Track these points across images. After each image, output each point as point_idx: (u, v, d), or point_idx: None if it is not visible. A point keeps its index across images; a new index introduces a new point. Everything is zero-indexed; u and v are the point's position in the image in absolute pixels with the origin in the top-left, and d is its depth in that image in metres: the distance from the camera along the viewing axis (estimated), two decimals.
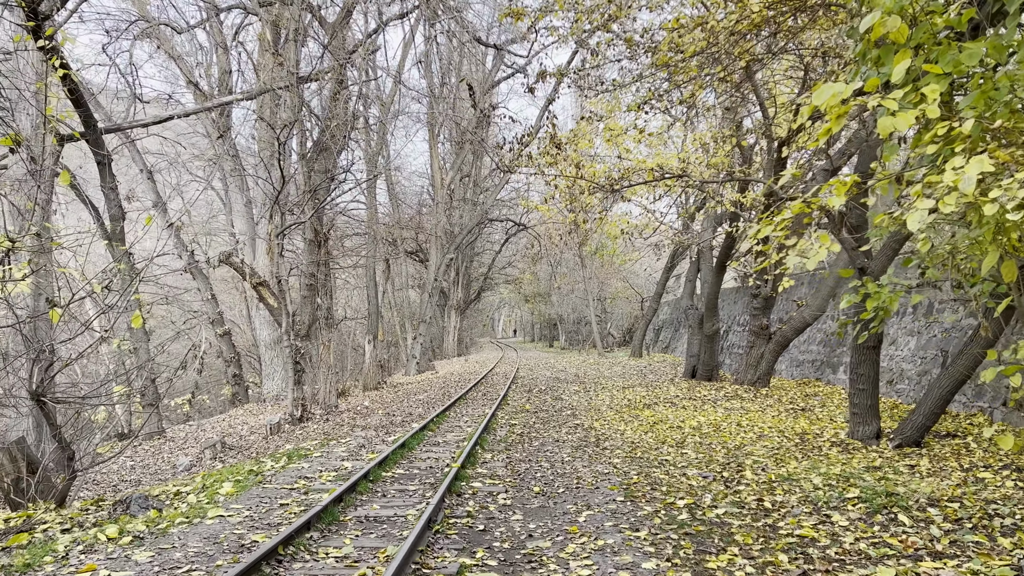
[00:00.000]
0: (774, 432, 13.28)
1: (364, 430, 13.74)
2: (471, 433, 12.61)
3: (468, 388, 21.67)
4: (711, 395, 18.93)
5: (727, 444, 12.15)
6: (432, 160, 33.29)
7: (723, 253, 22.13)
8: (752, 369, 19.53)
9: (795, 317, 18.93)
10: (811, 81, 14.94)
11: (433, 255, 32.99)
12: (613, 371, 29.70)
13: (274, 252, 16.05)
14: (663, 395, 19.56)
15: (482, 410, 16.39)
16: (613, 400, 18.94)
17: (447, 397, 19.81)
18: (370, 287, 26.22)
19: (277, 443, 14.55)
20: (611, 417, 15.52)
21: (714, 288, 22.73)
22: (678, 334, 39.78)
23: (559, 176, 12.72)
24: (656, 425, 14.15)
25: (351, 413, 17.62)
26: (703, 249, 25.14)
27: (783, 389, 19.44)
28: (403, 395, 21.85)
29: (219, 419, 21.93)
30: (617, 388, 22.28)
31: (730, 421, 14.68)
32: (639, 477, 9.37)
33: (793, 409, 16.44)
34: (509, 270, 66.82)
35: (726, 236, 21.94)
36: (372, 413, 16.93)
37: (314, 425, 16.07)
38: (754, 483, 9.28)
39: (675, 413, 16.01)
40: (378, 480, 8.77)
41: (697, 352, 24.32)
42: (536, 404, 18.13)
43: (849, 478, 9.34)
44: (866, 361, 11.76)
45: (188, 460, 15.06)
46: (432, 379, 27.63)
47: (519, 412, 16.39)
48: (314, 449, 11.58)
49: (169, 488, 9.44)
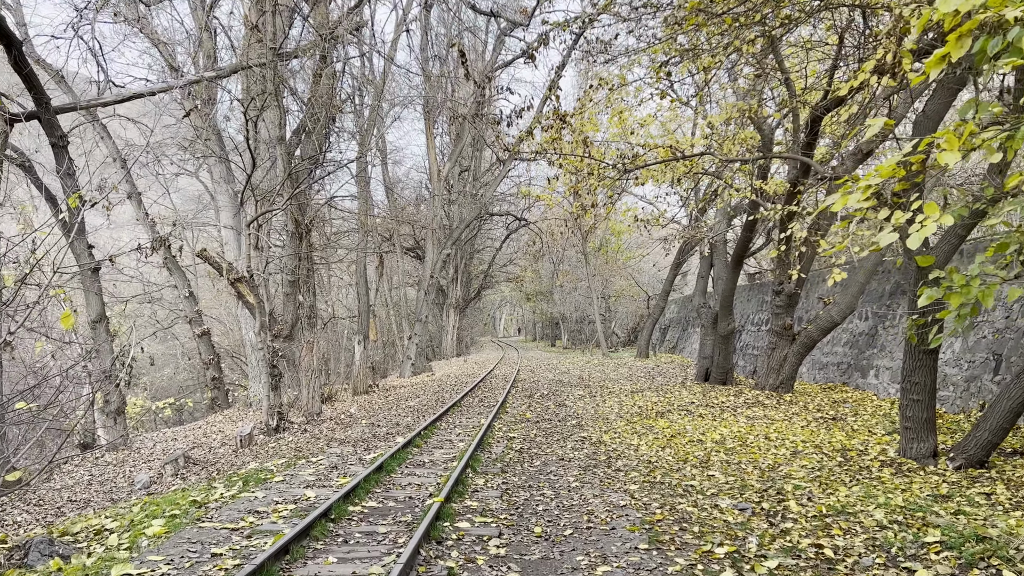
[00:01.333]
0: (810, 447, 11.62)
1: (342, 445, 12.08)
2: (462, 450, 10.95)
3: (464, 393, 20.01)
4: (729, 401, 17.26)
5: (759, 463, 10.49)
6: (428, 150, 31.63)
7: (740, 247, 20.44)
8: (774, 373, 17.85)
9: (821, 316, 17.25)
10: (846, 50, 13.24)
11: (429, 250, 31.33)
12: (619, 373, 28.02)
13: (248, 244, 14.41)
14: (676, 401, 17.89)
15: (477, 420, 14.73)
16: (622, 407, 17.27)
17: (440, 403, 18.15)
18: (360, 284, 24.58)
19: (246, 458, 12.91)
20: (622, 428, 13.85)
21: (729, 285, 21.05)
22: (686, 334, 38.10)
23: (564, 155, 11.05)
24: (674, 439, 12.48)
25: (333, 422, 15.98)
26: (716, 243, 23.44)
27: (807, 395, 17.77)
28: (393, 400, 20.19)
29: (194, 426, 20.29)
30: (625, 393, 20.62)
31: (756, 433, 13.02)
32: (663, 512, 7.70)
33: (823, 418, 14.78)
34: (510, 268, 65.13)
35: (744, 229, 20.26)
36: (356, 423, 15.28)
37: (290, 437, 14.42)
38: (802, 518, 7.61)
39: (693, 423, 14.34)
40: (342, 518, 7.10)
41: (710, 353, 22.65)
42: (538, 412, 16.47)
43: (918, 511, 7.68)
44: (922, 367, 10.07)
45: (148, 477, 13.41)
46: (427, 382, 25.97)
47: (519, 422, 14.73)
48: (278, 470, 9.92)
49: (93, 522, 7.79)
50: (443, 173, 31.80)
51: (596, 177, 11.18)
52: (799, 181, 15.77)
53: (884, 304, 18.06)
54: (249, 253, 14.51)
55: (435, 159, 31.56)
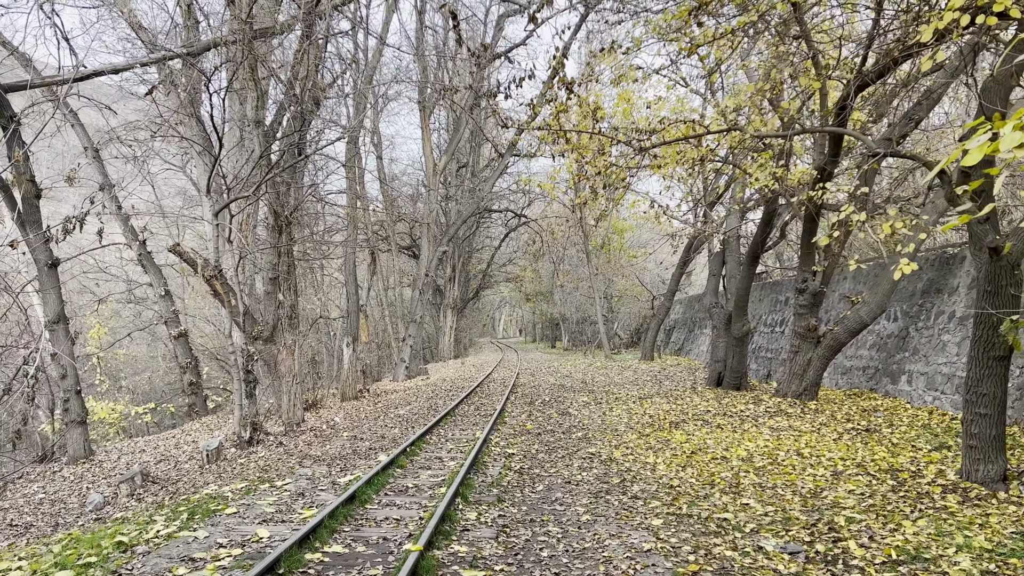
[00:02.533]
0: (851, 466, 10.14)
1: (316, 463, 10.58)
2: (453, 472, 9.46)
3: (459, 399, 18.52)
4: (749, 410, 15.78)
5: (797, 487, 9.00)
6: (424, 143, 30.12)
7: (756, 242, 18.95)
8: (797, 379, 16.35)
9: (849, 317, 15.78)
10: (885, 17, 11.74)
11: (425, 247, 29.82)
12: (624, 377, 26.53)
13: (216, 236, 12.93)
14: (690, 409, 16.40)
15: (472, 432, 13.23)
16: (632, 416, 15.78)
17: (433, 412, 16.66)
18: (349, 282, 23.08)
19: (210, 476, 11.42)
20: (634, 442, 12.36)
21: (745, 283, 19.57)
22: (692, 335, 36.62)
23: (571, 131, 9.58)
24: (695, 456, 10.98)
25: (313, 434, 14.49)
26: (729, 239, 21.97)
27: (833, 402, 16.29)
28: (383, 408, 18.69)
29: (167, 436, 18.80)
30: (633, 399, 19.12)
31: (786, 448, 11.54)
32: (696, 559, 6.21)
33: (855, 430, 13.31)
34: (510, 267, 63.64)
35: (761, 222, 18.77)
36: (337, 435, 13.78)
37: (263, 452, 12.94)
38: (870, 566, 6.14)
39: (713, 436, 12.86)
40: (295, 571, 5.61)
41: (723, 357, 21.17)
42: (539, 422, 14.98)
43: (1010, 556, 6.21)
44: (992, 376, 8.59)
45: (101, 497, 11.92)
46: (421, 387, 24.47)
47: (518, 435, 13.24)
48: (234, 497, 8.42)
49: (2, 564, 6.31)
50: (439, 167, 30.29)
51: (606, 157, 9.68)
52: (826, 166, 14.28)
53: (916, 303, 16.58)
54: (217, 246, 13.03)
55: (431, 152, 30.05)
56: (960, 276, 15.26)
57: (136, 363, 30.03)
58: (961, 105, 19.86)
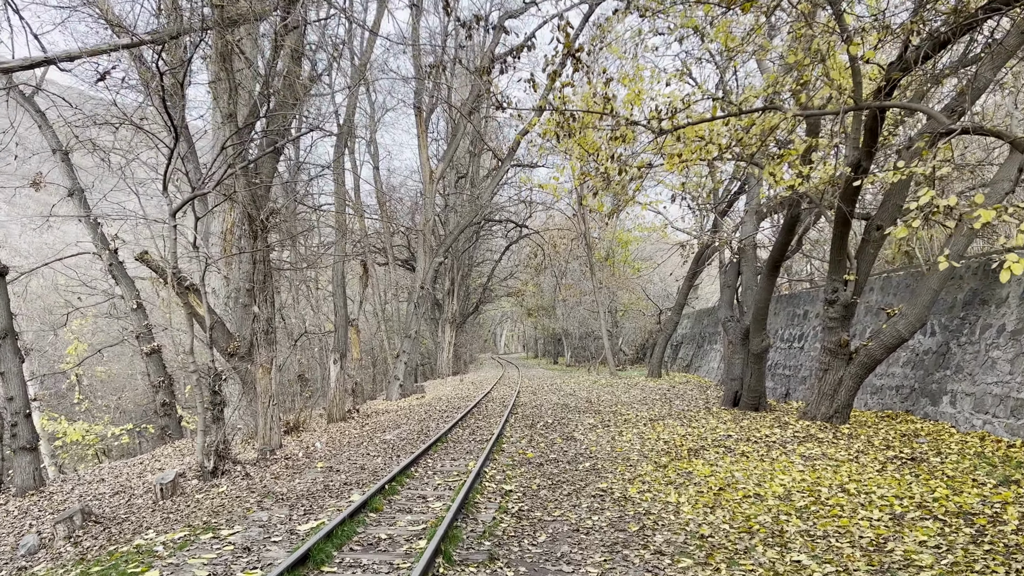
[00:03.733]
0: (911, 507, 8.54)
1: (278, 503, 8.99)
2: (437, 518, 7.87)
3: (454, 422, 16.92)
4: (774, 435, 14.18)
5: (854, 535, 7.41)
6: (420, 150, 28.69)
7: (777, 251, 17.42)
8: (827, 400, 14.76)
9: (885, 331, 14.20)
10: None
11: (421, 258, 28.30)
12: (632, 395, 24.91)
13: (172, 239, 11.42)
14: (708, 433, 14.80)
15: (464, 463, 11.63)
16: (644, 442, 14.18)
17: (423, 437, 15.07)
18: (337, 294, 21.54)
19: (159, 516, 9.83)
20: (650, 475, 10.75)
21: (764, 295, 18.02)
22: (702, 351, 34.99)
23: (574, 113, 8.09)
24: (724, 493, 9.38)
25: (287, 463, 12.90)
26: (746, 248, 20.44)
27: (866, 426, 14.69)
28: (370, 431, 17.09)
29: (135, 462, 17.21)
30: (643, 421, 17.52)
31: (827, 483, 9.95)
32: None
33: (899, 459, 11.71)
34: (511, 281, 62.11)
35: (782, 229, 17.24)
36: (311, 465, 12.17)
37: (226, 485, 11.35)
38: None
39: (740, 467, 11.26)
40: None
41: (739, 374, 19.59)
42: (541, 449, 13.39)
43: None
44: None
45: (36, 540, 10.33)
46: (414, 407, 22.86)
47: (517, 465, 11.64)
48: (166, 552, 6.84)
49: None
50: (436, 174, 28.84)
51: (619, 141, 8.17)
52: (862, 161, 12.77)
53: (956, 316, 15.00)
54: (174, 250, 11.52)
55: (427, 159, 28.60)
56: (1010, 285, 13.70)
57: (114, 381, 28.47)
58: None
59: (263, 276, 14.91)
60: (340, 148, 21.66)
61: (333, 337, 21.87)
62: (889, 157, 16.28)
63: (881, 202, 14.45)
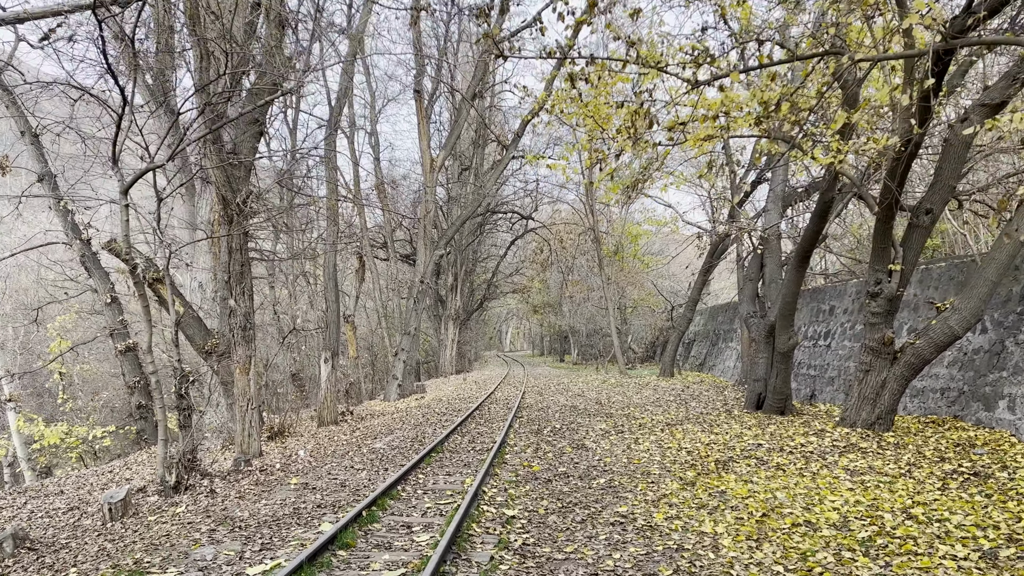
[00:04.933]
0: (1000, 539, 7.02)
1: (234, 533, 7.50)
2: (422, 556, 6.38)
3: (453, 427, 15.44)
4: (810, 443, 12.64)
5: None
6: (420, 137, 27.18)
7: (808, 240, 15.86)
8: (868, 404, 13.20)
9: (935, 328, 12.63)
10: None
11: (421, 251, 26.80)
12: (644, 396, 23.39)
13: (125, 219, 9.94)
14: (735, 441, 13.27)
15: (461, 479, 10.13)
16: (664, 451, 12.65)
17: (417, 445, 13.59)
18: (328, 288, 20.05)
19: (100, 543, 8.36)
20: (677, 493, 9.23)
21: (792, 288, 16.46)
22: (716, 349, 33.42)
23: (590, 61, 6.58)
24: (768, 520, 7.86)
25: (260, 475, 11.43)
26: (769, 238, 18.87)
27: (911, 433, 13.15)
28: (361, 437, 15.62)
29: (104, 470, 15.79)
30: (660, 426, 16.00)
31: (886, 504, 8.42)
32: None
33: (959, 474, 10.19)
34: (516, 278, 60.56)
35: (814, 216, 15.65)
36: (284, 481, 10.66)
37: (187, 504, 9.88)
38: None
39: (779, 483, 9.74)
40: None
41: (763, 375, 18.07)
42: (549, 460, 11.88)
43: None
44: None
45: None
46: (412, 409, 21.38)
47: (521, 481, 10.14)
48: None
49: None
50: (437, 163, 27.32)
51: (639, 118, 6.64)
52: (911, 138, 11.20)
53: (1012, 311, 13.43)
54: (127, 234, 10.04)
55: (428, 146, 27.08)
56: None
57: (96, 380, 27.07)
58: None
59: (240, 266, 13.43)
60: (332, 125, 20.13)
61: (324, 334, 20.41)
62: (938, 130, 14.71)
63: (931, 182, 12.87)
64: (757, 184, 26.82)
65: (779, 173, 19.19)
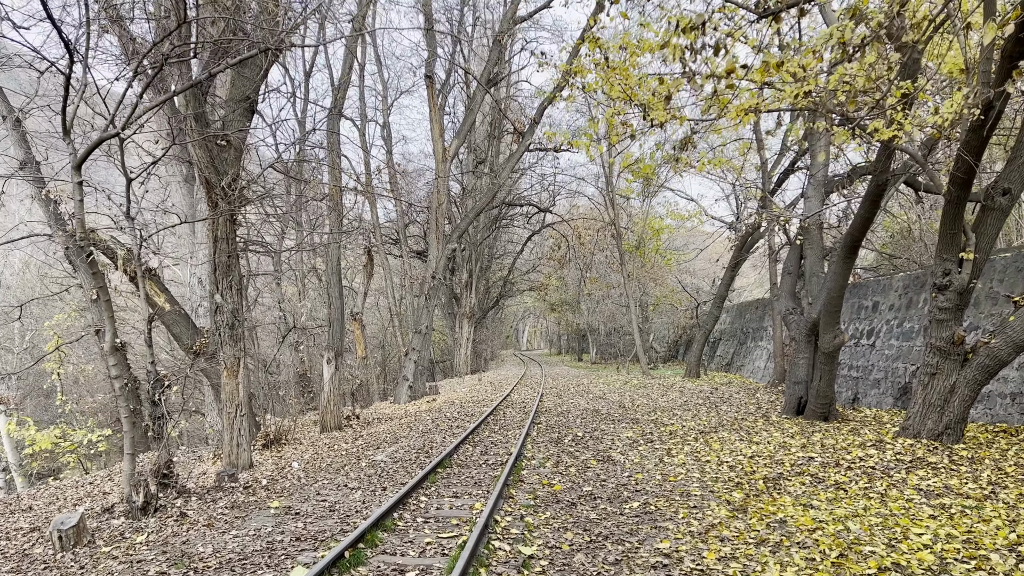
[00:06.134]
0: None
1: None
2: None
3: (465, 434, 14.02)
4: (870, 457, 11.07)
5: None
6: (432, 125, 25.76)
7: (857, 228, 14.26)
8: (935, 411, 11.61)
9: (1013, 325, 11.03)
10: None
11: (433, 245, 25.41)
12: (670, 399, 21.84)
13: (77, 201, 8.59)
14: (782, 454, 11.72)
15: (470, 502, 8.68)
16: (703, 465, 11.13)
17: (424, 456, 12.18)
18: (332, 284, 18.64)
19: (63, 571, 7.01)
20: (726, 524, 7.72)
21: (839, 282, 14.86)
22: (744, 348, 31.75)
23: None
24: (846, 562, 6.34)
25: (242, 494, 10.05)
26: (810, 227, 17.27)
27: (984, 445, 11.54)
28: (362, 447, 14.22)
29: (82, 482, 14.52)
30: (692, 433, 14.48)
31: (986, 539, 6.88)
32: None
33: None
34: (533, 275, 59.09)
35: (865, 201, 14.02)
36: (263, 504, 9.25)
37: (153, 528, 8.52)
38: None
39: (845, 508, 8.20)
40: None
41: (805, 377, 16.50)
42: (571, 477, 10.41)
43: None
44: None
45: None
46: (423, 412, 19.98)
47: (541, 506, 8.68)
48: None
49: None
50: (450, 151, 25.91)
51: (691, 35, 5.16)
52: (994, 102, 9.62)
53: None
54: (82, 216, 8.70)
55: (440, 134, 25.67)
56: None
57: (92, 381, 25.92)
58: None
59: (227, 257, 12.09)
60: (336, 106, 18.73)
61: (328, 333, 19.01)
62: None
63: (1008, 159, 11.25)
64: (789, 174, 25.19)
65: (819, 156, 17.58)
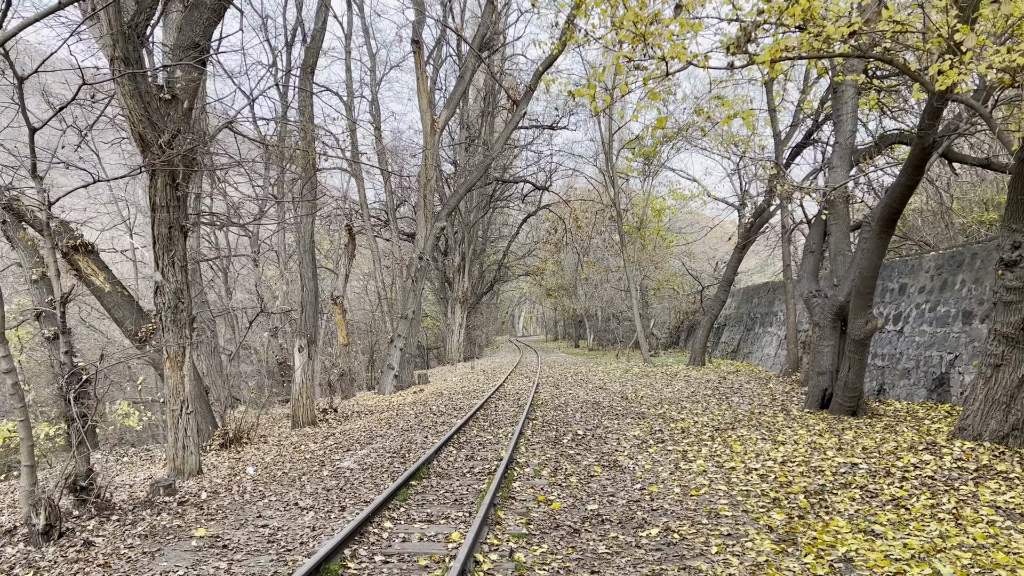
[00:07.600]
0: None
1: None
2: None
3: (451, 432, 12.32)
4: (927, 465, 9.35)
5: None
6: (420, 95, 23.88)
7: (896, 199, 12.47)
8: (999, 409, 9.90)
9: None
10: None
11: (421, 224, 23.60)
12: (676, 390, 20.14)
13: None
14: (815, 457, 10.01)
15: (446, 531, 6.95)
16: (726, 472, 9.41)
17: (399, 462, 10.45)
18: (304, 264, 16.82)
19: None
20: (774, 562, 6.00)
21: (872, 260, 13.11)
22: (752, 335, 30.07)
23: None
24: None
25: (165, 517, 8.30)
26: (836, 200, 15.52)
27: None
28: (331, 448, 12.49)
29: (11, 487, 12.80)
30: (707, 431, 12.78)
31: None
32: None
33: None
34: (529, 260, 57.33)
35: (906, 168, 12.21)
36: (191, 528, 7.52)
37: (52, 559, 6.79)
38: None
39: (920, 537, 6.49)
40: None
41: (830, 367, 14.83)
42: (573, 491, 8.69)
43: None
44: None
45: None
46: (407, 405, 18.25)
47: (536, 533, 6.96)
48: None
49: None
50: (439, 124, 24.06)
51: None
52: None
53: None
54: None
55: (428, 105, 23.79)
56: None
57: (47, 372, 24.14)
58: None
59: (167, 228, 10.29)
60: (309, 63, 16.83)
61: (299, 318, 17.19)
62: None
63: None
64: (803, 147, 23.40)
65: (846, 121, 15.80)
